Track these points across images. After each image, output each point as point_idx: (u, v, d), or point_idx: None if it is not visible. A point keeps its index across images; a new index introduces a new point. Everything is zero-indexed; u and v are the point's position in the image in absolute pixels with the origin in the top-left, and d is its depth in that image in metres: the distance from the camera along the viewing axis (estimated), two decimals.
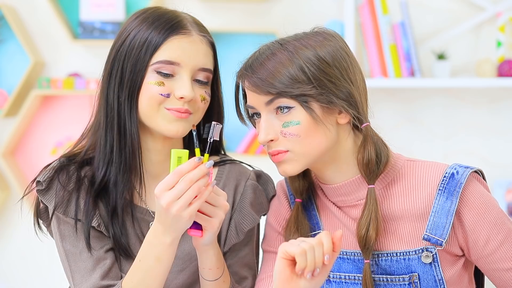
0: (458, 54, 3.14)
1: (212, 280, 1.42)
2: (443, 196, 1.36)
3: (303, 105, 1.33)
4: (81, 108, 3.23)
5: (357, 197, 1.41)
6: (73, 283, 1.43)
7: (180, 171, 1.29)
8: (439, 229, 1.36)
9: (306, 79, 1.32)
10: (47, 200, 1.45)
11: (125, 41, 1.44)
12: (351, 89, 1.35)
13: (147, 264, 1.35)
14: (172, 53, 1.42)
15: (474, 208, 1.36)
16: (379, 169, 1.37)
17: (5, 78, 3.26)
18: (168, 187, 1.29)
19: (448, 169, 1.38)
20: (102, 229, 1.44)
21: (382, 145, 1.39)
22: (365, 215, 1.36)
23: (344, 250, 1.43)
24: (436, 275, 1.36)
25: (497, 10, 3.06)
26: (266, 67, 1.34)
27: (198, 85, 1.46)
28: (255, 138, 3.17)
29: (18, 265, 3.30)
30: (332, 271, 1.43)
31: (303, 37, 1.38)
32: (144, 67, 1.41)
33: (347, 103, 1.35)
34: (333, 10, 3.15)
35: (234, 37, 3.16)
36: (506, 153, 3.18)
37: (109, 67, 1.45)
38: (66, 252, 1.44)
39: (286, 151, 1.35)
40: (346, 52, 1.38)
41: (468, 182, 1.37)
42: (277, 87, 1.32)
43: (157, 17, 1.44)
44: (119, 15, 3.14)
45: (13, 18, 3.14)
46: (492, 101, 3.18)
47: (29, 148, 3.28)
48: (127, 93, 1.43)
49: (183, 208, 1.29)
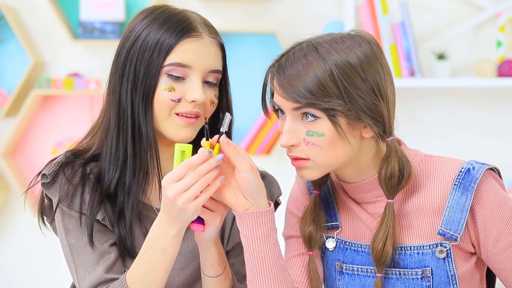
0: (458, 54, 3.14)
1: (213, 276, 1.42)
2: (458, 191, 1.36)
3: (330, 118, 1.31)
4: (81, 108, 3.23)
5: (376, 194, 1.41)
6: (77, 276, 1.43)
7: (189, 163, 1.29)
8: (454, 224, 1.35)
9: (336, 90, 1.30)
10: (52, 193, 1.45)
11: (136, 42, 1.42)
12: (380, 105, 1.33)
13: (152, 256, 1.35)
14: (184, 55, 1.41)
15: (487, 205, 1.36)
16: (401, 184, 1.36)
17: (5, 78, 3.26)
18: (176, 178, 1.29)
19: (465, 165, 1.38)
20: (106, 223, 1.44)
21: (405, 160, 1.37)
22: (383, 230, 1.35)
23: (359, 243, 1.43)
24: (449, 270, 1.36)
25: (497, 10, 3.07)
26: (302, 79, 1.31)
27: (208, 87, 1.46)
28: (255, 138, 3.17)
29: (18, 265, 3.30)
30: (344, 262, 1.43)
31: (337, 40, 1.34)
32: (158, 70, 1.41)
33: (374, 121, 1.33)
34: (333, 10, 3.15)
35: (234, 37, 3.16)
36: (506, 153, 3.18)
37: (120, 68, 1.44)
38: (70, 245, 1.44)
39: (306, 159, 1.35)
40: (381, 65, 1.35)
41: (483, 179, 1.36)
42: (306, 97, 1.30)
43: (167, 18, 1.43)
44: (119, 15, 3.14)
45: (13, 18, 3.14)
46: (492, 101, 3.18)
47: (29, 148, 3.28)
48: (141, 97, 1.41)
49: (189, 201, 1.29)
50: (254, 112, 3.15)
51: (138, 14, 1.48)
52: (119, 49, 1.45)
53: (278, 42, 3.13)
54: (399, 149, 1.38)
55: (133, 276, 1.37)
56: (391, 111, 1.37)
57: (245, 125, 3.18)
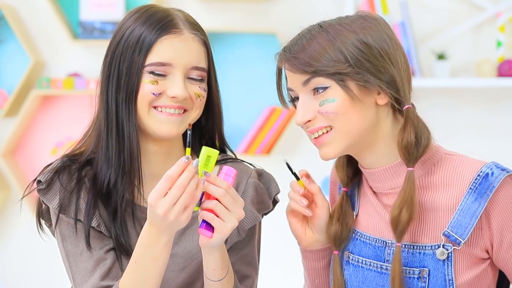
0: (458, 54, 3.14)
1: (216, 280, 1.41)
2: (472, 196, 1.34)
3: (340, 84, 1.33)
4: (81, 108, 3.23)
5: (391, 185, 1.40)
6: (74, 283, 1.43)
7: (170, 176, 1.28)
8: (460, 228, 1.33)
9: (340, 55, 1.33)
10: (48, 200, 1.45)
11: (120, 42, 1.44)
12: (390, 69, 1.34)
13: (144, 265, 1.35)
14: (164, 53, 1.42)
15: (504, 211, 1.34)
16: (418, 151, 1.35)
17: (5, 78, 3.26)
18: (161, 194, 1.28)
19: (484, 168, 1.35)
20: (102, 229, 1.44)
21: (424, 128, 1.37)
22: (401, 197, 1.34)
23: (368, 235, 1.42)
24: (447, 274, 1.34)
25: (497, 10, 3.07)
26: (306, 49, 1.35)
27: (191, 82, 1.45)
28: (255, 138, 3.17)
29: (18, 265, 3.30)
30: (352, 252, 1.44)
31: (345, 20, 1.38)
32: (139, 69, 1.42)
33: (386, 84, 1.34)
34: (333, 10, 3.15)
35: (234, 37, 3.16)
36: (506, 153, 3.18)
37: (106, 69, 1.45)
38: (66, 252, 1.44)
39: (328, 128, 1.35)
40: (388, 36, 1.37)
41: (502, 185, 1.34)
42: (313, 66, 1.33)
43: (149, 16, 1.44)
44: (119, 15, 3.14)
45: (13, 18, 3.15)
46: (492, 101, 3.18)
47: (29, 148, 3.28)
48: (125, 96, 1.43)
49: (180, 214, 1.29)
50: (254, 112, 3.15)
51: (126, 14, 1.49)
52: (107, 49, 1.47)
53: (278, 42, 3.13)
54: (417, 116, 1.38)
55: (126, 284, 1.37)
56: (404, 78, 1.37)
57: (245, 125, 3.18)
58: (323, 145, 1.37)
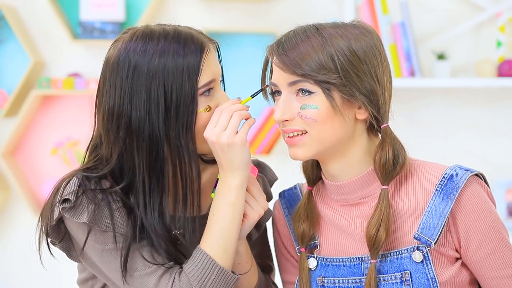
0: (458, 54, 3.14)
1: (241, 273, 1.45)
2: (439, 197, 1.36)
3: (325, 92, 1.34)
4: (81, 108, 3.23)
5: (362, 194, 1.41)
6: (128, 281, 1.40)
7: (220, 108, 1.38)
8: (430, 230, 1.35)
9: (332, 65, 1.33)
10: (77, 217, 1.38)
11: (156, 73, 1.36)
12: (375, 87, 1.35)
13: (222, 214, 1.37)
14: (209, 72, 1.40)
15: (470, 213, 1.36)
16: (395, 170, 1.37)
17: (5, 78, 3.26)
18: (213, 125, 1.36)
19: (448, 170, 1.38)
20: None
21: (401, 148, 1.39)
22: (377, 215, 1.35)
23: (340, 258, 1.43)
24: (428, 273, 1.36)
25: (497, 10, 3.07)
26: (298, 49, 1.35)
27: None
28: (255, 138, 3.17)
29: (18, 265, 3.30)
30: (326, 276, 1.43)
31: (340, 26, 1.38)
32: (194, 97, 1.37)
33: (368, 100, 1.35)
34: (333, 10, 3.15)
35: (234, 37, 3.16)
36: (506, 153, 3.18)
37: (143, 99, 1.36)
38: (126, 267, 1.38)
39: (303, 132, 1.36)
40: (379, 51, 1.38)
41: (466, 186, 1.36)
42: (303, 69, 1.34)
43: (182, 40, 1.39)
44: (119, 15, 3.14)
45: (13, 18, 3.15)
46: (492, 101, 3.18)
47: (29, 148, 3.29)
48: (182, 127, 1.37)
49: (232, 135, 1.35)
50: (254, 112, 3.14)
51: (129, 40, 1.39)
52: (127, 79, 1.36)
53: None
54: (394, 136, 1.39)
55: (207, 240, 1.37)
56: (386, 98, 1.39)
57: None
58: (295, 146, 1.38)
